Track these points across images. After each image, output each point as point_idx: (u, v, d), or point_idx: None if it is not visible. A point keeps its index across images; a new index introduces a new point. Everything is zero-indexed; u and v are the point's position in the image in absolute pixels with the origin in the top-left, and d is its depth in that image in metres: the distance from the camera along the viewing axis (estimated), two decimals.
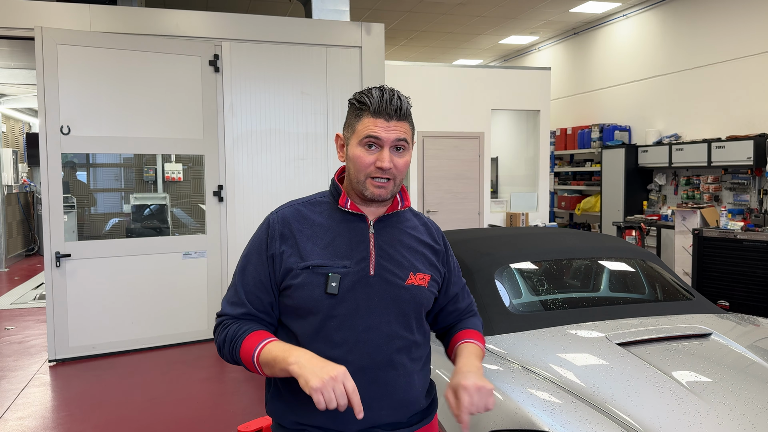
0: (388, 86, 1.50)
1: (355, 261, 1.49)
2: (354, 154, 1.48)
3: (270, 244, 1.51)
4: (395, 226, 1.58)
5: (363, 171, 1.47)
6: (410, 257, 1.56)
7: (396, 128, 1.46)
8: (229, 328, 1.50)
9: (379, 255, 1.52)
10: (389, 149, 1.46)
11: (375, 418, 1.48)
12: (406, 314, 1.52)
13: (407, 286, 1.52)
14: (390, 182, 1.48)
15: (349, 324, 1.47)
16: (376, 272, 1.50)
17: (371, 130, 1.45)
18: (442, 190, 9.00)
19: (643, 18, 9.21)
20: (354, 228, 1.53)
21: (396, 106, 1.46)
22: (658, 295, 3.13)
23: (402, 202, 1.58)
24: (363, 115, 1.47)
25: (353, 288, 1.47)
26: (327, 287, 1.45)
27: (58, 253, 5.06)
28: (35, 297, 7.81)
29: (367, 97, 1.47)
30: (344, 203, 1.53)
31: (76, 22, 5.28)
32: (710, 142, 7.58)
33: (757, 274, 5.61)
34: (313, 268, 1.47)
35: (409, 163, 1.51)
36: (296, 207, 1.57)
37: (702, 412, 1.93)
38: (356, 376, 1.44)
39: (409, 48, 12.00)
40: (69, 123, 5.08)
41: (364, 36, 6.16)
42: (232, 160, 5.73)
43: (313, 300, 1.46)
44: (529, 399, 2.03)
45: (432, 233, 1.66)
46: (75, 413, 4.06)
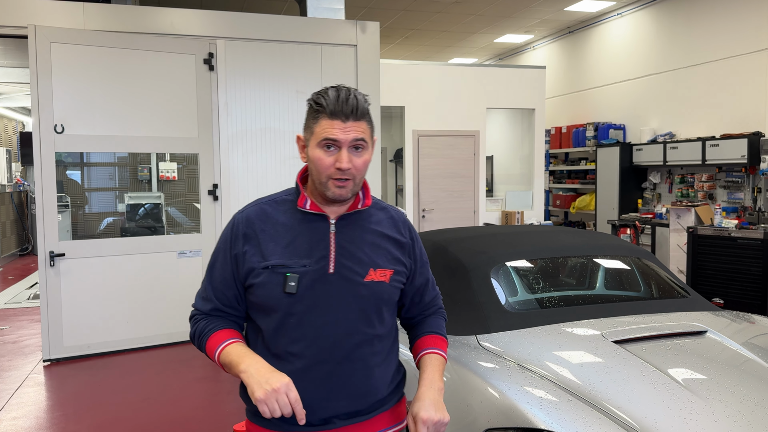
0: (345, 86, 1.51)
1: (315, 260, 1.53)
2: (314, 156, 1.50)
3: (234, 244, 1.57)
4: (357, 224, 1.60)
5: (324, 172, 1.50)
6: (371, 253, 1.58)
7: (353, 128, 1.48)
8: (199, 323, 1.59)
9: (339, 253, 1.55)
10: (348, 149, 1.48)
11: (333, 409, 1.54)
12: (366, 309, 1.56)
13: (366, 283, 1.55)
14: (350, 182, 1.50)
15: (308, 321, 1.52)
16: (335, 270, 1.54)
17: (328, 132, 1.47)
18: (438, 188, 9.00)
19: (638, 17, 9.23)
20: (315, 227, 1.56)
21: (352, 106, 1.47)
22: (654, 292, 3.14)
23: (363, 200, 1.60)
24: (320, 116, 1.49)
25: (312, 286, 1.52)
26: (285, 286, 1.50)
27: (52, 252, 5.04)
28: (29, 297, 7.78)
29: (324, 98, 1.48)
30: (303, 204, 1.56)
31: (70, 20, 5.26)
32: (704, 140, 7.60)
33: (752, 272, 5.63)
34: (273, 267, 1.52)
35: (368, 161, 1.53)
36: (261, 206, 1.61)
37: (697, 409, 1.94)
38: (314, 369, 1.51)
39: (404, 46, 12.00)
40: (63, 122, 5.05)
41: (359, 34, 6.15)
42: (227, 159, 5.72)
43: (273, 298, 1.51)
44: (526, 397, 2.03)
45: (398, 226, 1.67)
46: (69, 413, 4.04)
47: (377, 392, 1.59)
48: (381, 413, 1.61)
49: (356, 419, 1.56)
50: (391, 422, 1.64)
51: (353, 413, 1.56)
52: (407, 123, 8.79)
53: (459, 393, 2.23)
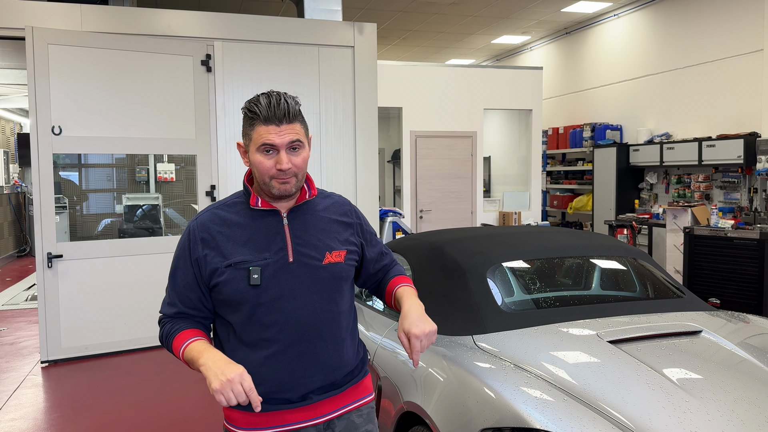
0: (275, 91, 1.60)
1: (274, 252, 1.64)
2: (255, 160, 1.60)
3: (192, 250, 1.66)
4: (307, 213, 1.72)
5: (266, 174, 1.60)
6: (324, 239, 1.71)
7: (287, 131, 1.58)
8: (165, 326, 1.68)
9: (296, 242, 1.67)
10: (285, 151, 1.59)
11: (308, 385, 1.66)
12: (328, 290, 1.68)
13: (325, 265, 1.68)
14: (293, 178, 1.62)
15: (276, 308, 1.62)
16: (294, 258, 1.65)
17: (265, 138, 1.57)
18: (435, 189, 9.01)
19: (634, 18, 9.26)
20: (269, 223, 1.67)
21: (284, 110, 1.57)
22: (650, 292, 3.15)
23: (309, 191, 1.72)
24: (255, 123, 1.59)
25: (275, 276, 1.62)
26: (249, 279, 1.60)
27: (50, 253, 5.04)
28: (27, 298, 7.77)
29: (256, 106, 1.58)
30: (255, 203, 1.67)
31: (67, 21, 5.26)
32: (701, 140, 7.62)
33: (748, 272, 5.65)
34: (236, 264, 1.61)
35: (306, 158, 1.64)
36: (214, 211, 1.70)
37: (692, 409, 1.95)
38: (288, 351, 1.63)
39: (401, 48, 12.01)
40: (60, 123, 5.06)
41: (357, 36, 6.16)
42: (224, 160, 5.72)
43: (239, 293, 1.61)
44: (521, 397, 2.04)
45: (343, 209, 1.80)
46: (67, 414, 4.04)
47: (348, 364, 1.73)
48: (352, 386, 1.75)
49: (331, 393, 1.69)
50: (361, 394, 1.78)
51: (327, 387, 1.69)
52: (405, 124, 8.80)
53: (455, 393, 2.24)
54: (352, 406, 1.75)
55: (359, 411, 1.76)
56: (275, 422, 1.65)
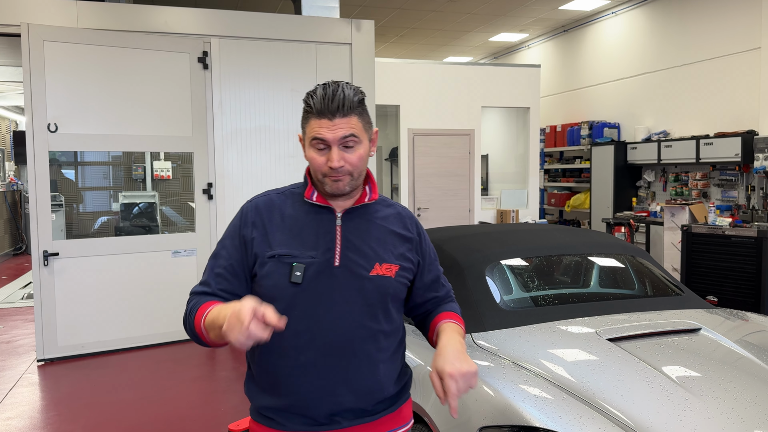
0: (333, 81, 1.50)
1: (321, 251, 1.52)
2: (308, 156, 1.52)
3: (243, 229, 1.56)
4: (363, 218, 1.59)
5: (319, 171, 1.50)
6: (377, 248, 1.56)
7: (341, 126, 1.46)
8: (191, 303, 1.53)
9: (345, 246, 1.54)
10: (338, 147, 1.47)
11: (338, 404, 1.51)
12: (371, 304, 1.53)
13: (371, 277, 1.53)
14: (346, 177, 1.50)
15: (311, 313, 1.50)
16: (341, 263, 1.52)
17: (317, 132, 1.47)
18: (433, 187, 9.00)
19: (632, 15, 9.25)
20: (321, 219, 1.55)
21: (339, 103, 1.46)
22: (648, 290, 3.15)
23: (370, 194, 1.60)
24: (309, 117, 1.50)
25: (317, 278, 1.50)
26: (291, 276, 1.48)
27: (46, 251, 5.02)
28: (23, 296, 7.75)
29: (311, 98, 1.49)
30: (310, 196, 1.56)
31: (63, 18, 5.23)
32: (698, 138, 7.62)
33: (745, 270, 5.66)
34: (280, 257, 1.50)
35: (363, 155, 1.51)
36: (270, 196, 1.61)
37: (691, 407, 1.95)
38: (318, 363, 1.49)
39: (399, 45, 11.99)
40: (56, 121, 5.03)
41: (354, 33, 6.14)
42: (221, 158, 5.70)
43: (278, 288, 1.49)
44: (520, 395, 2.04)
45: (405, 222, 1.65)
46: (63, 413, 4.03)
47: (383, 390, 1.56)
48: (387, 414, 1.58)
49: (362, 419, 1.53)
50: (398, 424, 1.61)
51: (359, 412, 1.53)
52: (402, 122, 8.79)
53: None
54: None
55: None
56: None
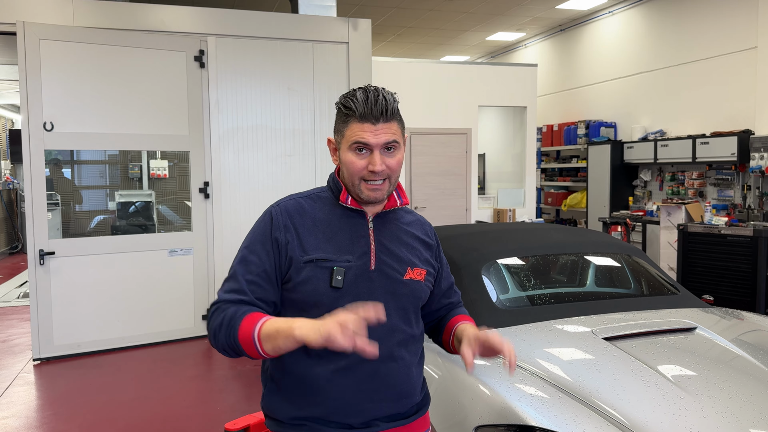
0: (372, 86, 1.49)
1: (357, 255, 1.51)
2: (346, 159, 1.49)
3: (275, 233, 1.50)
4: (393, 222, 1.60)
5: (357, 175, 1.48)
6: (408, 252, 1.58)
7: (384, 131, 1.46)
8: (228, 310, 1.44)
9: (379, 250, 1.54)
10: (380, 151, 1.47)
11: (376, 410, 1.50)
12: (405, 308, 1.55)
13: (406, 281, 1.55)
14: (385, 182, 1.50)
15: None
16: (376, 267, 1.52)
17: (359, 136, 1.45)
18: (430, 186, 9.00)
19: (629, 15, 9.26)
20: (354, 223, 1.54)
21: (382, 108, 1.45)
22: (644, 289, 3.16)
23: (400, 199, 1.59)
24: (350, 120, 1.47)
25: (356, 282, 1.49)
26: (332, 281, 1.46)
27: (42, 250, 5.00)
28: (19, 295, 7.73)
29: (353, 102, 1.46)
30: (345, 199, 1.54)
31: (59, 16, 5.22)
32: (695, 138, 7.64)
33: (741, 269, 5.67)
34: (317, 261, 1.48)
35: (401, 160, 1.52)
36: (298, 200, 1.57)
37: (687, 405, 1.95)
38: (358, 368, 1.46)
39: (396, 44, 11.99)
40: (52, 119, 5.02)
41: (351, 32, 6.14)
42: (218, 157, 5.70)
43: (318, 294, 1.47)
44: (516, 394, 2.04)
45: (425, 229, 1.68)
46: (60, 412, 4.02)
47: (415, 394, 1.57)
48: (418, 419, 1.59)
49: (398, 422, 1.53)
50: (424, 428, 1.63)
51: (395, 416, 1.53)
52: None
53: (450, 390, 2.23)
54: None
55: None
56: None
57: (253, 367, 4.74)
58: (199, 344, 5.50)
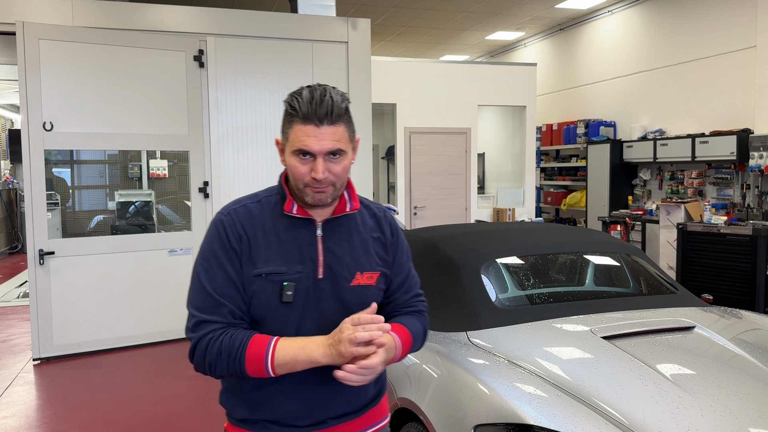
0: (321, 85, 1.43)
1: (306, 265, 1.48)
2: (290, 164, 1.45)
3: (233, 245, 1.47)
4: (344, 226, 1.55)
5: (300, 180, 1.44)
6: (358, 257, 1.54)
7: (328, 135, 1.40)
8: (222, 339, 1.41)
9: (327, 257, 1.51)
10: (323, 158, 1.42)
11: (326, 413, 1.54)
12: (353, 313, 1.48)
13: (353, 287, 1.52)
14: (329, 188, 1.45)
15: (299, 329, 1.48)
16: (324, 275, 1.50)
17: (302, 143, 1.40)
18: (429, 185, 9.01)
19: (628, 14, 9.27)
20: (302, 232, 1.51)
21: (327, 109, 1.39)
22: (643, 288, 3.16)
23: (350, 203, 1.55)
24: (294, 121, 1.42)
25: (306, 293, 1.48)
26: (282, 296, 1.45)
27: (42, 250, 5.01)
28: (19, 295, 7.73)
29: (297, 101, 1.41)
30: (290, 209, 1.50)
31: (58, 16, 5.22)
32: (694, 137, 7.64)
33: (740, 268, 5.68)
34: (267, 275, 1.45)
35: (348, 166, 1.47)
36: (248, 206, 1.52)
37: (685, 404, 1.95)
38: (310, 377, 1.48)
39: (395, 44, 11.99)
40: (52, 119, 5.02)
41: (350, 31, 6.14)
42: (217, 157, 5.70)
43: (268, 308, 1.46)
44: (515, 393, 2.04)
45: (380, 224, 1.62)
46: (59, 412, 4.02)
47: (367, 393, 1.61)
48: (369, 411, 1.63)
49: (346, 418, 1.58)
50: (378, 418, 1.66)
51: (344, 414, 1.57)
52: (399, 120, 8.79)
53: (449, 389, 2.23)
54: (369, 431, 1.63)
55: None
56: None
57: None
58: None
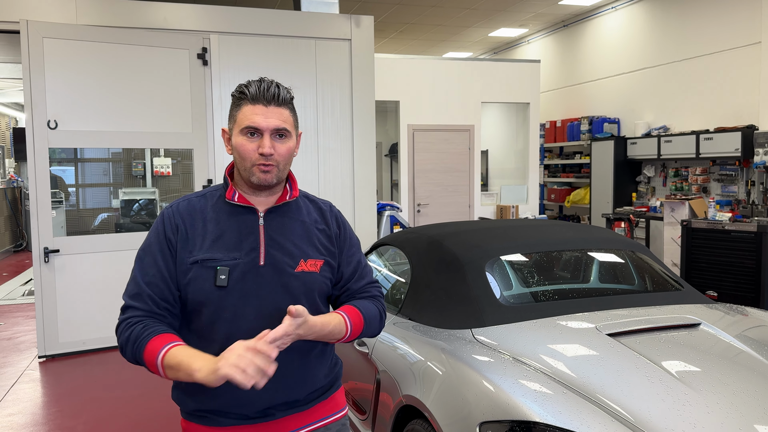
0: (268, 78, 1.56)
1: (245, 252, 1.53)
2: (237, 143, 1.52)
3: (168, 234, 1.54)
4: (286, 215, 1.61)
5: (247, 158, 1.51)
6: (301, 245, 1.59)
7: (275, 115, 1.51)
8: (134, 327, 1.47)
9: (269, 245, 1.55)
10: (270, 136, 1.51)
11: (271, 399, 1.54)
12: (298, 300, 1.54)
13: (297, 273, 1.56)
14: (274, 167, 1.52)
15: (242, 314, 1.51)
16: (266, 262, 1.54)
17: (250, 120, 1.50)
18: (433, 183, 9.00)
19: (632, 10, 9.24)
20: (244, 220, 1.56)
21: (274, 93, 1.52)
22: (648, 285, 3.15)
23: (291, 191, 1.62)
24: (242, 103, 1.53)
25: (243, 278, 1.51)
26: (216, 280, 1.49)
27: (47, 248, 5.02)
28: (24, 293, 7.76)
29: (246, 87, 1.53)
30: (231, 196, 1.57)
31: (63, 14, 5.23)
32: (698, 133, 7.62)
33: (745, 265, 5.66)
34: (202, 261, 1.51)
35: (291, 149, 1.56)
36: (191, 200, 1.60)
37: (691, 401, 1.95)
38: None
39: (398, 41, 11.97)
40: (56, 117, 5.03)
41: (354, 29, 6.13)
42: (221, 154, 5.70)
43: (204, 293, 1.50)
44: (520, 390, 2.04)
45: (325, 217, 1.68)
46: (65, 409, 4.04)
47: (315, 381, 1.61)
48: (319, 402, 1.64)
49: (295, 409, 1.59)
50: (331, 411, 1.67)
51: (292, 403, 1.58)
52: (402, 117, 8.78)
53: (454, 386, 2.24)
54: (320, 423, 1.64)
55: (327, 429, 1.66)
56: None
57: None
58: None
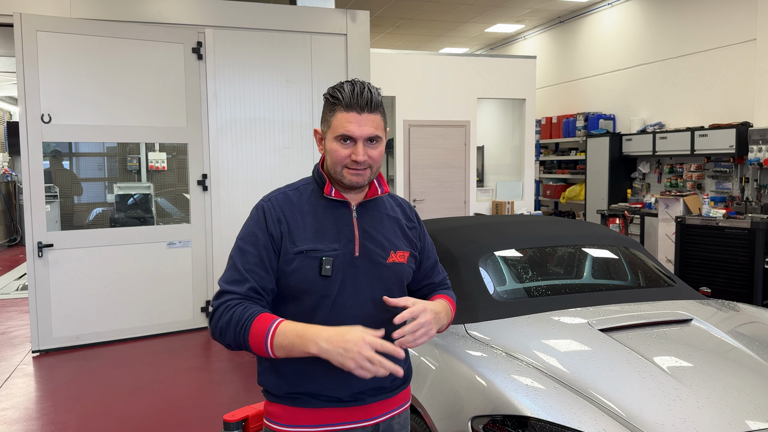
0: (359, 79, 1.59)
1: (343, 243, 1.61)
2: (331, 148, 1.58)
3: (269, 227, 1.59)
4: (375, 210, 1.70)
5: (340, 163, 1.58)
6: (390, 237, 1.69)
7: (368, 122, 1.55)
8: (235, 309, 1.50)
9: (363, 237, 1.64)
10: (363, 143, 1.56)
11: (362, 384, 1.60)
12: (389, 289, 1.64)
13: (389, 264, 1.65)
14: (367, 170, 1.59)
15: (340, 302, 1.59)
16: (361, 253, 1.62)
17: (345, 129, 1.55)
18: (428, 178, 9.00)
19: (628, 7, 9.24)
20: (339, 213, 1.64)
21: (367, 99, 1.55)
22: (641, 281, 3.16)
23: (381, 188, 1.70)
24: (336, 109, 1.57)
25: (343, 269, 1.59)
26: (321, 270, 1.57)
27: (41, 243, 5.01)
28: (18, 287, 7.74)
29: (340, 92, 1.56)
30: (329, 192, 1.63)
31: (57, 8, 5.20)
32: (693, 130, 7.64)
33: (739, 261, 5.68)
34: (307, 252, 1.58)
35: (383, 151, 1.62)
36: (287, 193, 1.66)
37: (682, 396, 1.96)
38: None
39: (394, 36, 11.95)
40: (50, 111, 5.01)
41: (349, 23, 6.12)
42: (216, 149, 5.69)
43: (308, 282, 1.57)
44: (513, 385, 2.05)
45: (406, 212, 1.79)
46: (59, 404, 4.04)
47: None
48: (401, 391, 1.72)
49: (382, 396, 1.66)
50: (404, 400, 1.76)
51: (379, 389, 1.65)
52: (398, 113, 8.77)
53: (447, 381, 2.24)
54: (396, 411, 1.71)
55: (399, 417, 1.73)
56: (323, 420, 1.60)
57: (251, 359, 4.76)
58: (197, 336, 5.51)
